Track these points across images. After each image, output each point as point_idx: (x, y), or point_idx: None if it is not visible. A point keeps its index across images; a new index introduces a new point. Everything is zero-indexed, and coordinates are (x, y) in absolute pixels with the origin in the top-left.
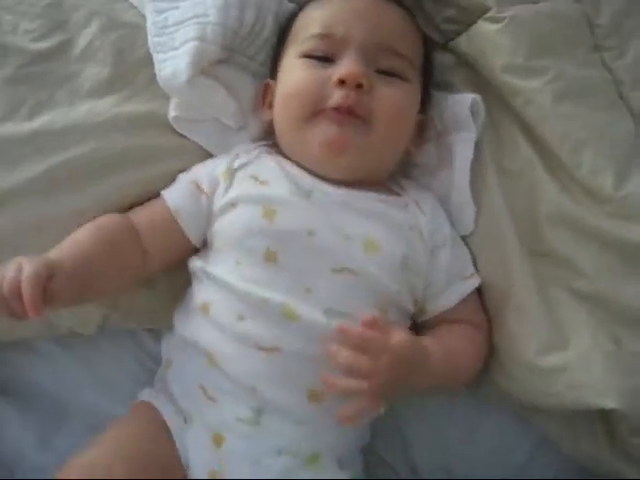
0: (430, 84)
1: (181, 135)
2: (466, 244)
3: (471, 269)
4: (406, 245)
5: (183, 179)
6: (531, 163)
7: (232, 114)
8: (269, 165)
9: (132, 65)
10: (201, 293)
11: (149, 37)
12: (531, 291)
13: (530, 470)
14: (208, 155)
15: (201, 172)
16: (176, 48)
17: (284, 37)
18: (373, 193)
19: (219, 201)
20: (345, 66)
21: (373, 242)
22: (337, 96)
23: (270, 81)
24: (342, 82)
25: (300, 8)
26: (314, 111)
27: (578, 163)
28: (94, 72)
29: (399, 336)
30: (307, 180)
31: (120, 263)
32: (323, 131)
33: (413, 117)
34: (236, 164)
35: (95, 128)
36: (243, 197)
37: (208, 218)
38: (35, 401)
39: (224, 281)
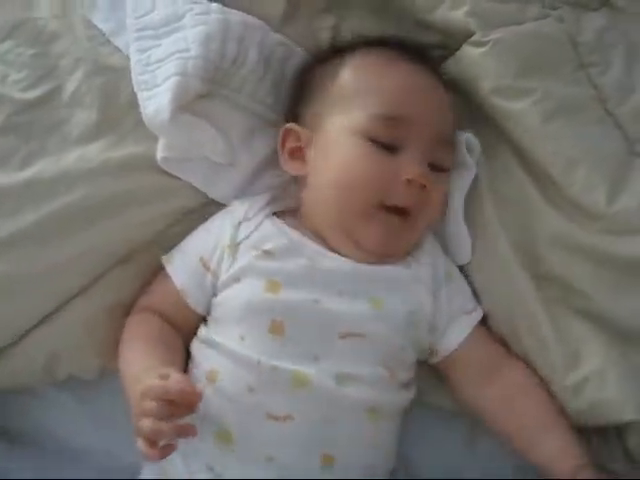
0: None
1: (172, 176)
2: (465, 273)
3: (472, 303)
4: (411, 301)
5: (189, 253)
6: (525, 186)
7: (220, 151)
8: (272, 233)
9: (119, 108)
10: (207, 360)
11: (133, 76)
12: (539, 312)
13: None
14: (201, 194)
15: (207, 244)
16: (158, 85)
17: (310, 86)
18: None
19: (223, 275)
20: (413, 165)
21: (378, 302)
22: (404, 196)
23: (297, 128)
24: (408, 181)
25: (333, 51)
26: (374, 205)
27: (571, 181)
28: (82, 118)
29: None
30: (311, 248)
31: (178, 355)
32: (376, 231)
33: None
34: (239, 237)
35: (84, 175)
36: (246, 271)
37: (213, 292)
38: (41, 446)
39: (230, 351)
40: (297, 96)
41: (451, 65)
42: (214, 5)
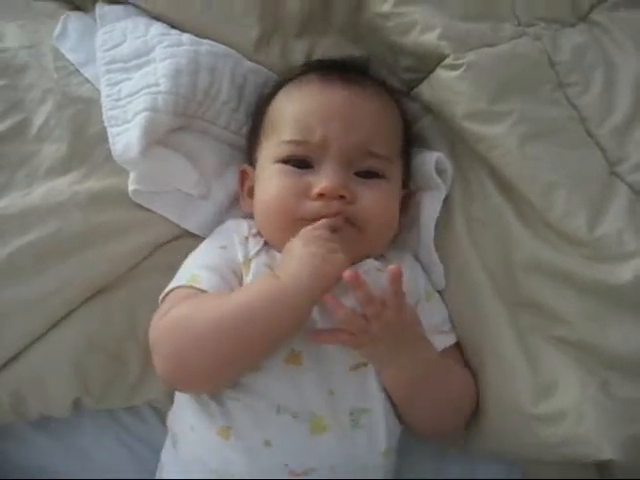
0: (411, 159)
1: (143, 208)
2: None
3: (448, 326)
4: None
5: (218, 267)
6: (500, 210)
7: (194, 183)
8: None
9: (89, 141)
10: (217, 417)
11: (103, 111)
12: (510, 343)
13: None
14: (173, 226)
15: (230, 257)
16: (129, 121)
17: (259, 121)
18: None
19: None
20: (325, 179)
21: None
22: (318, 209)
23: (247, 168)
24: (321, 195)
25: (274, 88)
26: (294, 221)
27: (549, 206)
28: (52, 151)
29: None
30: None
31: None
32: None
33: (397, 209)
34: (250, 252)
35: (55, 208)
36: None
37: None
38: None
39: (245, 402)
40: (251, 133)
41: (425, 89)
42: (185, 36)
